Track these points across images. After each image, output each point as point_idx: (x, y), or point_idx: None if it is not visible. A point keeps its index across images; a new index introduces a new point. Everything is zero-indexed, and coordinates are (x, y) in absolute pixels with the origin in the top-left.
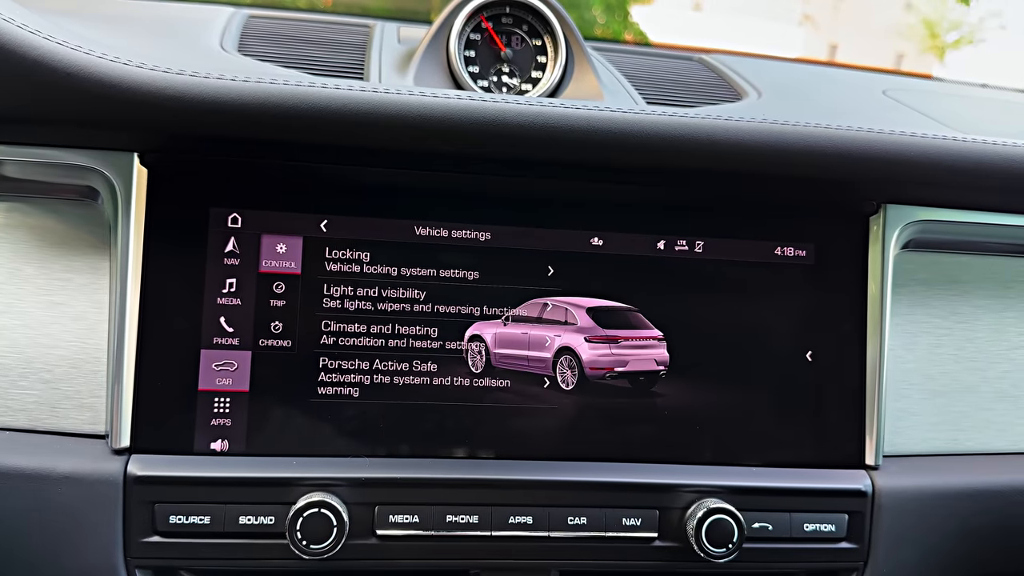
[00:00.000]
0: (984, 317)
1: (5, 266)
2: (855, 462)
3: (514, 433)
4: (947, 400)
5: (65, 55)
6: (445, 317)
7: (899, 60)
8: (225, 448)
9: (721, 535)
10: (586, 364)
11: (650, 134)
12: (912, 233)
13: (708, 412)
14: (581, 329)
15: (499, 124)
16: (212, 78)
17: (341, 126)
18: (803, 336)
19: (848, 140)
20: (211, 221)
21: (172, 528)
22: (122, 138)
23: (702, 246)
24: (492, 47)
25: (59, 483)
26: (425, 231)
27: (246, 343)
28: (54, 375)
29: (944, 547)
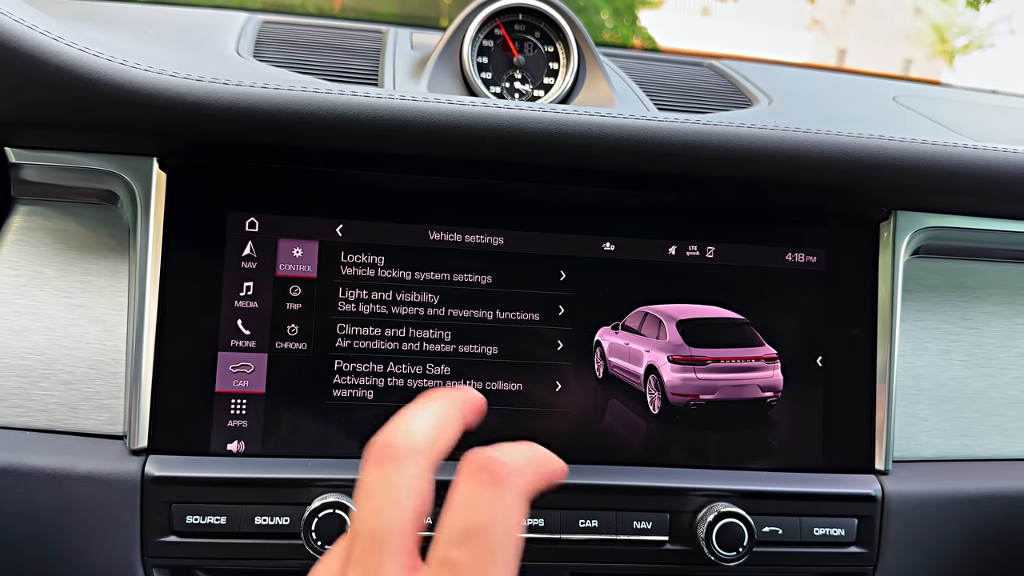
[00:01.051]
0: (994, 323)
1: (26, 269)
2: (865, 467)
3: (528, 435)
4: (957, 406)
5: (87, 61)
6: (459, 321)
7: (908, 65)
8: (241, 449)
9: (731, 539)
10: (668, 388)
11: (663, 140)
12: (922, 239)
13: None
14: (666, 346)
15: (513, 130)
16: (231, 84)
17: (357, 132)
18: (813, 341)
19: (860, 147)
20: (229, 225)
21: (189, 528)
22: (142, 143)
23: (713, 251)
24: (505, 53)
25: (78, 483)
26: (439, 235)
27: (262, 346)
28: (74, 376)
29: (954, 552)
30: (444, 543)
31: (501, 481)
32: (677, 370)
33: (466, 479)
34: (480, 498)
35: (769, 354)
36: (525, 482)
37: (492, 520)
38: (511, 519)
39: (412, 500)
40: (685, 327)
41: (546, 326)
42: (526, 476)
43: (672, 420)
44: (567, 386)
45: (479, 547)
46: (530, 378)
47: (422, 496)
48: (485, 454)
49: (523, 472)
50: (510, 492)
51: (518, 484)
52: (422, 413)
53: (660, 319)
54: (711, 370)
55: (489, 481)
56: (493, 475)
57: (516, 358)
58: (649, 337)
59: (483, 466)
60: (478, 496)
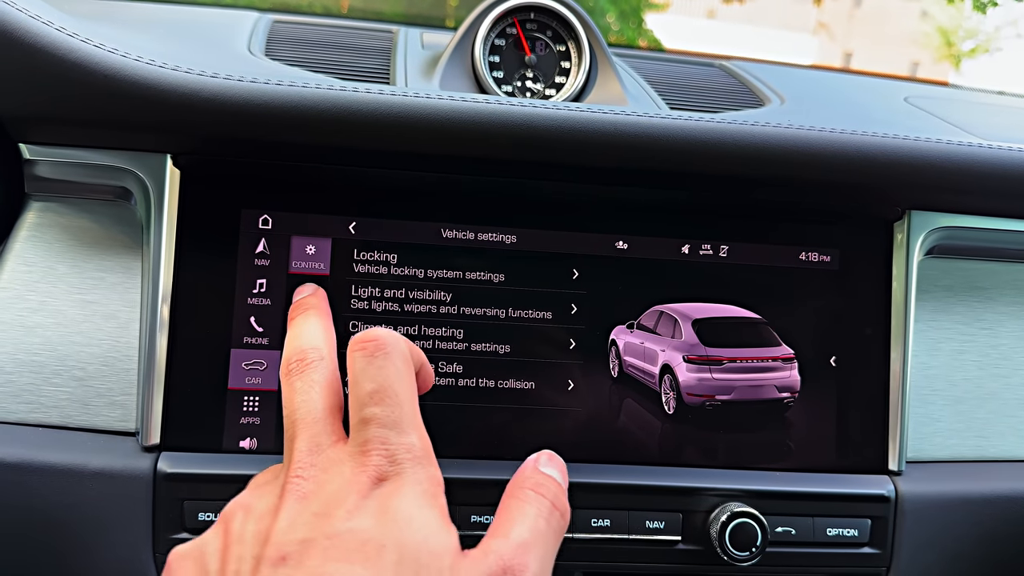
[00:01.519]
0: (1008, 324)
1: (39, 265)
2: (878, 467)
3: (539, 434)
4: (970, 406)
5: (102, 57)
6: (471, 319)
7: (914, 68)
8: (253, 446)
9: (745, 539)
10: (684, 388)
11: (676, 138)
12: (936, 239)
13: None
14: (681, 346)
15: (526, 128)
16: (246, 81)
17: (370, 130)
18: (827, 341)
19: (874, 146)
20: (242, 222)
21: (200, 525)
22: (156, 140)
23: (726, 250)
24: (517, 52)
25: (90, 479)
26: (451, 234)
27: (275, 343)
28: (86, 373)
29: (967, 553)
30: (358, 406)
31: (384, 347)
32: (693, 370)
33: (357, 355)
34: (373, 364)
35: (786, 354)
36: (403, 348)
37: (390, 377)
38: (404, 377)
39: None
40: (701, 326)
41: (558, 325)
42: (402, 344)
43: (687, 420)
44: (579, 385)
45: (387, 400)
46: (542, 377)
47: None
48: (363, 332)
49: (399, 341)
50: (395, 355)
51: (398, 348)
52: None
53: (676, 318)
54: (727, 370)
55: (374, 349)
56: (376, 345)
57: (528, 357)
58: (664, 336)
59: (365, 340)
60: (371, 363)
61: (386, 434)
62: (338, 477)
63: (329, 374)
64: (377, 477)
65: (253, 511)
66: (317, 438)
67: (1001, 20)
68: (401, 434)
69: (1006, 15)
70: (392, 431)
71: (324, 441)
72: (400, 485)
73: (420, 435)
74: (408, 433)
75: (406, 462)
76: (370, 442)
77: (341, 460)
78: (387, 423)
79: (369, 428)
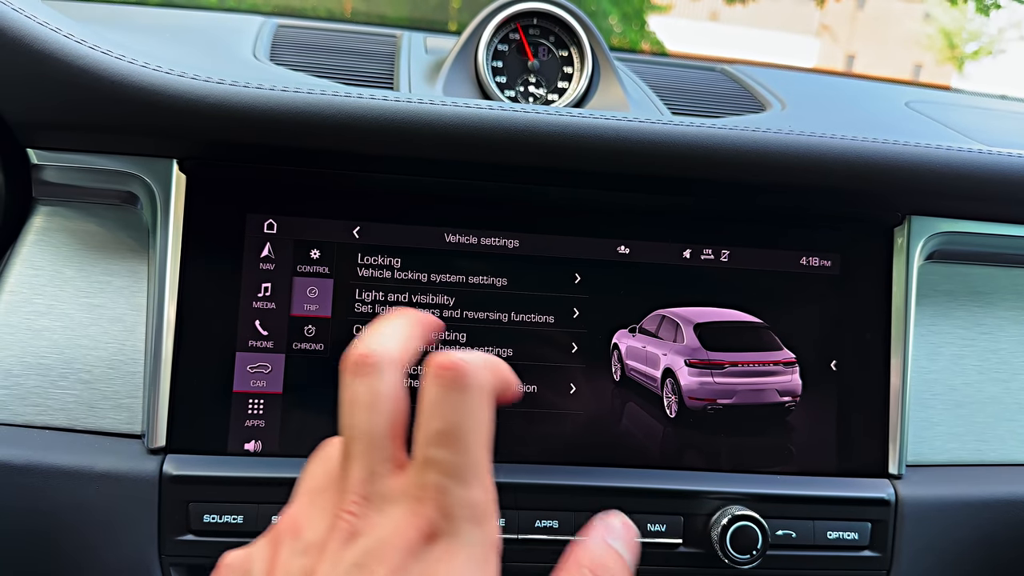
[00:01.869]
0: (1008, 328)
1: (46, 269)
2: (878, 471)
3: (538, 438)
4: (970, 411)
5: (109, 63)
6: (474, 323)
7: (917, 70)
8: (259, 449)
9: (745, 542)
10: (685, 392)
11: (677, 144)
12: (936, 244)
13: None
14: (683, 350)
15: (528, 133)
16: (251, 87)
17: (374, 135)
18: (828, 345)
19: (875, 152)
20: (247, 227)
21: (206, 527)
22: (162, 145)
23: (728, 255)
24: (519, 58)
25: (97, 481)
26: (455, 238)
27: (280, 346)
28: (93, 375)
29: (967, 557)
30: (423, 443)
31: (464, 380)
32: (694, 374)
33: (432, 381)
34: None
35: (787, 358)
36: (487, 382)
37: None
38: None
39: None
40: (702, 330)
41: (561, 328)
42: (487, 376)
43: (688, 424)
44: (581, 388)
45: (454, 445)
46: (544, 380)
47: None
48: (446, 355)
49: (483, 372)
50: (474, 391)
51: (480, 384)
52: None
53: (677, 322)
54: (729, 374)
55: (453, 381)
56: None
57: (531, 360)
58: (666, 340)
59: (446, 367)
60: (446, 398)
61: (446, 484)
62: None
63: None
64: (429, 532)
65: (302, 538)
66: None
67: (1005, 22)
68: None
69: (1009, 17)
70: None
71: (382, 469)
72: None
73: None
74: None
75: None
76: (428, 488)
77: (395, 499)
78: (450, 471)
79: (429, 472)
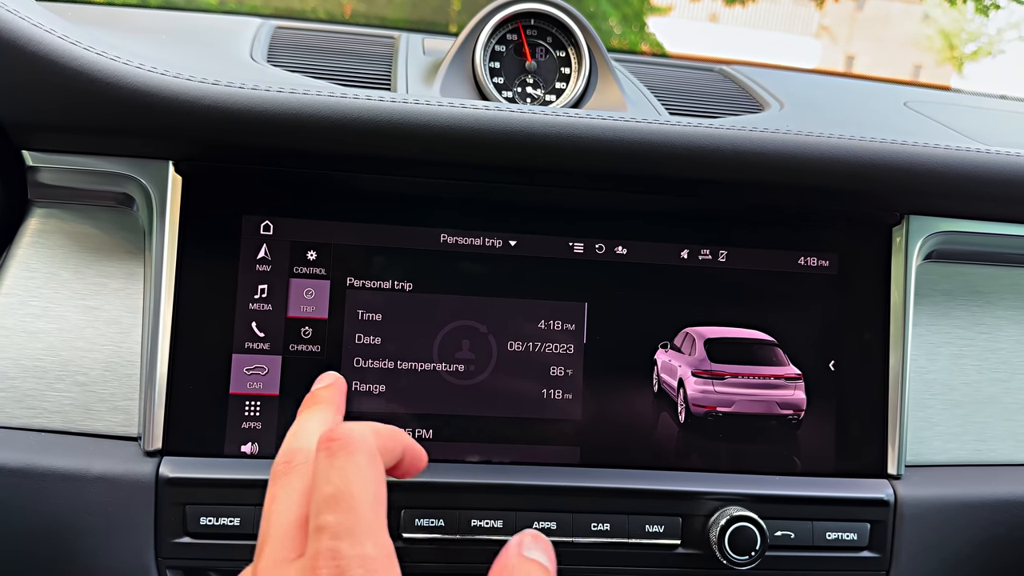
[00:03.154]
0: (1007, 328)
1: (42, 271)
2: (877, 471)
3: (538, 439)
4: (969, 411)
5: (104, 65)
6: (471, 323)
7: (916, 71)
8: (255, 451)
9: (744, 543)
10: (691, 400)
11: (675, 144)
12: (935, 244)
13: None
14: (692, 361)
15: (526, 134)
16: (247, 88)
17: (371, 136)
18: (826, 346)
19: (872, 151)
20: (244, 228)
21: (202, 529)
22: (158, 146)
23: (725, 255)
24: (516, 58)
25: (93, 484)
26: (452, 239)
27: (276, 348)
28: (89, 378)
29: (966, 557)
30: (314, 512)
31: (348, 447)
32: (699, 383)
33: (320, 455)
34: (334, 466)
35: (791, 373)
36: (371, 444)
37: (348, 482)
38: (365, 478)
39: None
40: (711, 344)
41: (560, 329)
42: (370, 440)
43: (693, 429)
44: (582, 389)
45: (343, 508)
46: (534, 380)
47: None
48: (331, 429)
49: (366, 437)
50: (359, 455)
51: (364, 448)
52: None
53: (695, 337)
54: (729, 384)
55: (338, 449)
56: (340, 444)
57: (531, 360)
58: (685, 354)
59: (329, 438)
60: (332, 465)
61: (337, 546)
62: None
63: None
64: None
65: None
66: (280, 553)
67: (1003, 23)
68: (354, 544)
69: (1008, 18)
70: (344, 542)
71: (287, 556)
72: None
73: (377, 542)
74: (362, 543)
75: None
76: (321, 555)
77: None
78: (340, 533)
79: (322, 539)
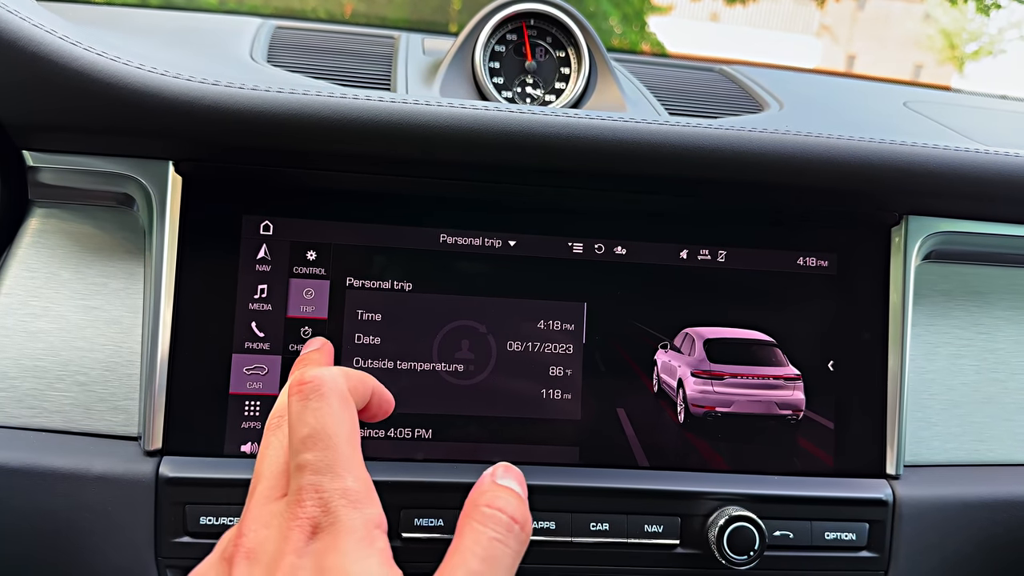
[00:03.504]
0: (1006, 328)
1: (42, 271)
2: (876, 471)
3: (538, 439)
4: (968, 411)
5: (104, 65)
6: (469, 323)
7: (917, 71)
8: (255, 450)
9: (743, 542)
10: (690, 400)
11: (674, 144)
12: (934, 244)
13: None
14: (692, 361)
15: (525, 134)
16: (247, 89)
17: (370, 137)
18: (825, 346)
19: (871, 152)
20: (244, 228)
21: (202, 529)
22: (158, 147)
23: (724, 255)
24: (516, 59)
25: (93, 483)
26: (450, 239)
27: (276, 348)
28: (89, 378)
29: (965, 557)
30: (294, 452)
31: (319, 389)
32: (698, 383)
33: (293, 399)
34: (308, 407)
35: (790, 374)
36: (341, 385)
37: (323, 419)
38: (339, 418)
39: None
40: (711, 345)
41: (559, 330)
42: (339, 381)
43: (692, 429)
44: (582, 390)
45: (320, 444)
46: (534, 380)
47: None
48: (301, 373)
49: (336, 379)
50: (330, 396)
51: (335, 388)
52: (293, 386)
53: (694, 338)
54: (728, 384)
55: (309, 392)
56: (311, 387)
57: (530, 360)
58: (684, 355)
59: (301, 383)
60: (306, 407)
61: (318, 481)
62: (275, 532)
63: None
64: (312, 528)
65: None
66: (268, 491)
67: (1004, 22)
68: (335, 479)
69: (1009, 17)
70: (325, 476)
71: (273, 494)
72: (335, 537)
73: (357, 476)
74: (342, 477)
75: (340, 509)
76: (304, 490)
77: (280, 512)
78: (320, 468)
79: (303, 475)
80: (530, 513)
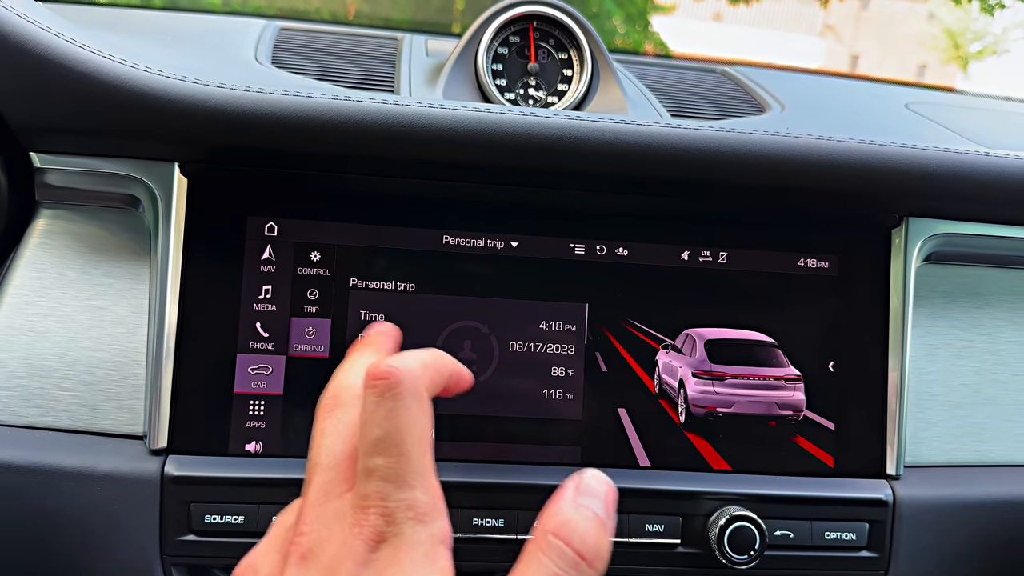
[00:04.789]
0: (1007, 330)
1: (49, 271)
2: (876, 472)
3: (540, 439)
4: (968, 412)
5: (111, 68)
6: (469, 324)
7: (921, 71)
8: (259, 450)
9: (743, 542)
10: (691, 400)
11: (676, 147)
12: (934, 246)
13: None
14: (693, 362)
15: (528, 136)
16: (252, 91)
17: (373, 139)
18: (826, 347)
19: (872, 154)
20: (248, 229)
21: (207, 527)
22: (164, 149)
23: (726, 257)
24: (519, 61)
25: (99, 482)
26: (453, 241)
27: (280, 348)
28: (95, 377)
29: (965, 558)
30: (363, 454)
31: (396, 388)
32: (699, 384)
33: (367, 392)
34: (383, 407)
35: (791, 375)
36: (419, 383)
37: (398, 422)
38: (414, 420)
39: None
40: (712, 345)
41: (559, 330)
42: (420, 377)
43: (694, 429)
44: (582, 389)
45: (392, 450)
46: (536, 380)
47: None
48: (377, 364)
49: (415, 373)
50: (408, 396)
51: (413, 387)
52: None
53: (695, 339)
54: (729, 385)
55: (386, 388)
56: (388, 384)
57: (530, 360)
58: (685, 355)
59: (377, 376)
60: (381, 406)
61: (386, 489)
62: (337, 536)
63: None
64: (375, 539)
65: (259, 573)
66: (328, 486)
67: (1009, 22)
68: (402, 488)
69: (1014, 17)
70: (393, 485)
71: (334, 490)
72: (397, 551)
73: (426, 487)
74: (411, 487)
75: (405, 522)
76: (370, 497)
77: (343, 514)
78: (389, 476)
79: (371, 481)
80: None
